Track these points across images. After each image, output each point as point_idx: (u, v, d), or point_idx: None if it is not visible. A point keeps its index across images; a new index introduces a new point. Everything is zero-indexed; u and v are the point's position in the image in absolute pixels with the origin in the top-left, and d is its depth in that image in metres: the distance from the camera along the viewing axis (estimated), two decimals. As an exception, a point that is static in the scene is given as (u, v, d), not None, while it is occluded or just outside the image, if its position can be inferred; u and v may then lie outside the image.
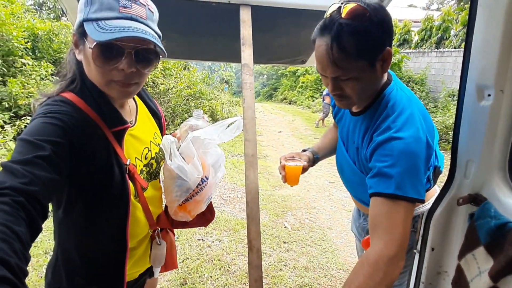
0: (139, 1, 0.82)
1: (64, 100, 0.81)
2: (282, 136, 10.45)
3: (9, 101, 5.87)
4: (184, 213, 1.08)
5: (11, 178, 0.60)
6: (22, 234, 0.55)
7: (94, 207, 0.88)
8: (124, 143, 0.92)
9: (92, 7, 0.78)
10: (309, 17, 1.71)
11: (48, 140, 0.69)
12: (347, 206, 4.67)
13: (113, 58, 0.79)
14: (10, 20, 6.85)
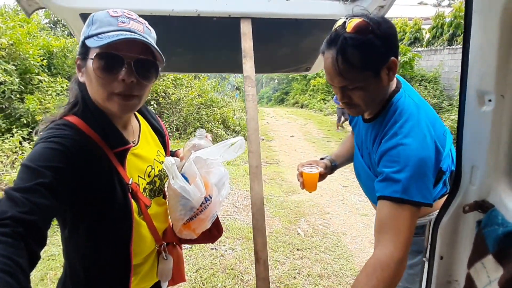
0: (136, 19, 0.88)
1: (66, 124, 0.84)
2: (295, 140, 10.42)
3: (27, 117, 6.09)
4: (189, 232, 1.10)
5: (12, 207, 0.62)
6: (24, 265, 0.57)
7: (98, 226, 0.91)
8: (127, 163, 0.94)
9: (93, 27, 0.83)
10: (310, 26, 1.72)
11: (50, 166, 0.72)
12: (361, 210, 4.61)
13: (113, 68, 0.82)
14: (27, 39, 7.13)
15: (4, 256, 0.55)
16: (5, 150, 4.64)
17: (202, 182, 1.02)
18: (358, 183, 1.41)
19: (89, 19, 0.85)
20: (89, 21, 0.85)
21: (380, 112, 1.10)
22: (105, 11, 0.85)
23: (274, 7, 1.61)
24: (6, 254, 0.55)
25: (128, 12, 0.87)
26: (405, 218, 0.93)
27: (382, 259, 0.90)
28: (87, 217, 0.88)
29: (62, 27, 12.89)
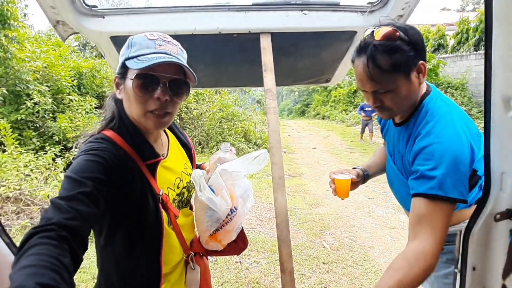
0: (171, 42, 0.95)
1: (104, 138, 0.91)
2: (317, 152, 10.32)
3: (59, 135, 6.41)
4: (215, 243, 1.13)
5: (57, 214, 0.68)
6: (68, 265, 0.61)
7: (132, 235, 0.96)
8: (157, 174, 0.99)
9: (132, 49, 0.91)
10: (329, 38, 1.74)
11: (90, 177, 0.78)
12: (389, 223, 4.47)
13: (150, 87, 0.89)
14: (59, 61, 7.58)
15: (50, 255, 0.59)
16: (39, 167, 4.90)
17: (228, 194, 1.05)
18: (383, 195, 1.40)
19: (128, 41, 0.92)
20: (128, 43, 0.92)
21: (411, 115, 1.13)
22: (143, 34, 0.92)
23: (292, 22, 1.65)
24: (51, 254, 0.59)
25: (163, 35, 0.94)
26: (442, 214, 0.96)
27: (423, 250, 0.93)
28: (122, 226, 0.93)
29: (90, 49, 13.61)
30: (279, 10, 1.65)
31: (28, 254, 0.59)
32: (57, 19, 1.52)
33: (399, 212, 4.88)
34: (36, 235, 0.62)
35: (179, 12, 1.63)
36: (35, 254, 0.58)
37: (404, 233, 4.13)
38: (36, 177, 4.62)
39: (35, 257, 0.58)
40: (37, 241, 0.61)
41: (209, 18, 1.63)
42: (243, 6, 1.65)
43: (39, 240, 0.61)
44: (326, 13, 1.64)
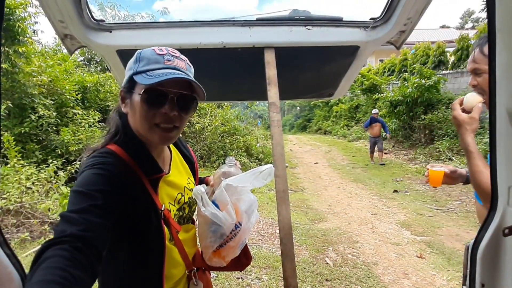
0: (179, 57, 0.95)
1: (108, 152, 0.90)
2: (319, 167, 10.30)
3: (62, 148, 6.44)
4: (219, 259, 1.10)
5: (70, 226, 0.67)
6: (79, 277, 0.60)
7: (135, 251, 0.94)
8: (159, 189, 0.98)
9: (140, 63, 0.90)
10: (332, 52, 1.76)
11: (98, 190, 0.77)
12: (392, 239, 4.41)
13: (158, 102, 0.88)
14: (64, 76, 7.69)
15: (60, 268, 0.58)
16: (41, 180, 4.89)
17: (233, 209, 1.04)
18: (386, 211, 1.40)
19: (136, 56, 0.92)
20: (136, 57, 0.92)
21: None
22: (151, 48, 0.91)
23: (296, 36, 1.67)
24: (62, 267, 0.58)
25: (172, 50, 0.94)
26: None
27: None
28: (125, 241, 0.92)
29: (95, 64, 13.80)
30: (283, 26, 1.67)
31: (40, 269, 0.58)
32: (65, 33, 1.54)
33: (403, 228, 4.82)
34: (49, 248, 0.62)
35: (184, 27, 1.66)
36: (46, 268, 0.58)
37: (408, 250, 4.06)
38: (37, 190, 4.61)
39: (47, 271, 0.57)
40: (50, 253, 0.61)
41: (214, 33, 1.66)
42: (248, 21, 1.68)
43: (52, 252, 0.61)
44: (329, 28, 1.66)
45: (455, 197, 6.32)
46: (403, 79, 12.30)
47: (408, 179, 8.15)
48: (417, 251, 4.02)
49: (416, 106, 11.32)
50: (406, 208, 5.75)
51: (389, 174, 8.80)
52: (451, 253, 3.94)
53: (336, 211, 5.78)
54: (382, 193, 6.88)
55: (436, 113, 10.69)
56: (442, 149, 9.49)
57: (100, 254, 0.70)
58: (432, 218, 5.27)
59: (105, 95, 9.19)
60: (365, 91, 16.04)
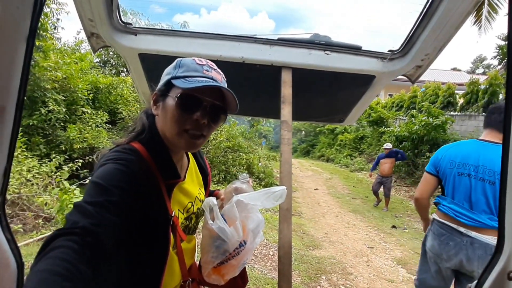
0: (217, 70, 0.99)
1: (132, 149, 0.91)
2: (319, 194, 10.21)
3: (66, 144, 6.47)
4: (217, 276, 1.08)
5: (83, 218, 0.67)
6: (85, 273, 0.59)
7: (137, 253, 0.92)
8: (172, 195, 0.98)
9: (180, 69, 0.93)
10: (348, 79, 1.79)
11: (118, 186, 0.77)
12: (387, 275, 4.30)
13: (191, 108, 0.91)
14: (78, 75, 7.84)
15: (66, 261, 0.57)
16: (42, 173, 4.89)
17: (241, 226, 1.02)
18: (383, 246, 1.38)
19: (176, 62, 0.95)
20: (177, 64, 0.95)
21: None
22: (191, 58, 0.96)
23: (314, 59, 1.71)
24: (69, 259, 0.58)
25: (210, 63, 0.98)
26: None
27: None
28: (131, 241, 0.91)
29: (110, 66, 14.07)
30: (303, 48, 1.71)
31: (48, 257, 0.58)
32: (92, 31, 1.59)
33: (399, 265, 4.71)
34: (60, 237, 0.62)
35: (207, 38, 1.71)
36: (54, 258, 0.57)
37: (403, 288, 3.96)
38: (37, 183, 4.61)
39: (53, 261, 0.57)
40: (60, 243, 0.60)
41: (235, 47, 1.70)
42: (269, 40, 1.72)
43: (62, 242, 0.60)
44: (348, 55, 1.70)
45: (454, 239, 6.20)
46: (410, 116, 12.37)
47: (408, 216, 8.04)
48: (411, 291, 3.91)
49: (421, 143, 11.32)
50: (403, 245, 5.64)
51: (389, 209, 8.70)
52: (446, 296, 3.83)
53: (332, 239, 5.69)
54: (380, 227, 6.77)
55: (441, 153, 10.67)
56: (444, 190, 9.39)
57: (107, 252, 0.69)
58: (429, 258, 5.15)
59: (116, 97, 9.32)
60: (371, 123, 16.11)
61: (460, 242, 2.03)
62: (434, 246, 2.18)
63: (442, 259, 2.13)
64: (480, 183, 2.03)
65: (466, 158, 2.11)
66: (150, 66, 1.79)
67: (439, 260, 2.16)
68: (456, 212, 2.08)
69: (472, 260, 1.98)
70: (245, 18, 71.66)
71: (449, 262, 2.09)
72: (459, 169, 2.11)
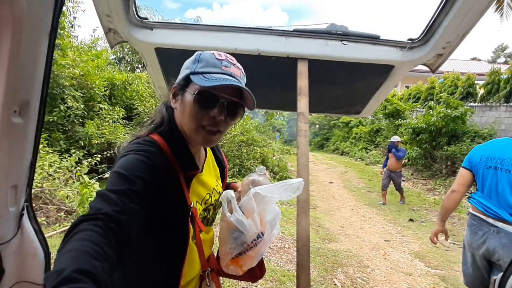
0: (236, 64, 0.97)
1: (152, 141, 0.93)
2: (333, 187, 10.15)
3: (85, 140, 6.63)
4: (236, 267, 1.09)
5: (106, 205, 0.68)
6: (111, 256, 0.60)
7: (157, 244, 0.94)
8: (191, 187, 0.99)
9: (199, 64, 0.92)
10: (365, 70, 1.76)
11: (139, 176, 0.78)
12: (405, 268, 4.26)
13: (209, 104, 0.91)
14: (95, 71, 7.99)
15: (95, 243, 0.58)
16: (62, 168, 5.03)
17: (259, 218, 1.03)
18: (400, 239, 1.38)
19: (195, 56, 0.95)
20: (196, 58, 0.94)
21: None
22: (210, 52, 0.94)
23: (331, 50, 1.68)
24: (96, 241, 0.59)
25: (230, 57, 0.96)
26: None
27: None
28: (151, 232, 0.92)
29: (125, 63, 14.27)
30: (319, 38, 1.69)
31: (74, 238, 0.59)
32: (109, 27, 1.61)
33: (416, 258, 4.65)
34: (85, 222, 0.63)
35: (222, 31, 1.70)
36: (81, 239, 0.58)
37: (420, 282, 3.91)
38: (58, 177, 4.75)
39: (80, 242, 0.58)
40: (85, 227, 0.61)
41: (250, 39, 1.69)
42: (285, 31, 1.70)
43: (87, 226, 0.62)
44: (366, 45, 1.66)
45: (474, 233, 6.06)
46: (428, 107, 12.07)
47: (425, 209, 7.90)
48: (430, 284, 3.86)
49: (439, 135, 11.05)
50: (421, 239, 5.55)
51: (406, 202, 8.57)
52: (466, 290, 3.76)
53: (348, 233, 5.66)
54: (397, 221, 6.69)
55: (460, 145, 10.38)
56: (464, 183, 9.16)
57: (130, 240, 0.70)
58: (448, 252, 5.06)
59: (132, 93, 9.46)
60: (387, 116, 15.82)
61: (488, 232, 2.24)
62: (467, 236, 2.43)
63: (474, 248, 2.34)
64: (506, 174, 2.21)
65: (493, 152, 2.34)
66: (166, 60, 1.80)
67: (472, 249, 2.37)
68: (484, 206, 2.29)
69: (498, 248, 2.16)
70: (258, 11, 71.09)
71: (479, 251, 2.29)
72: (487, 162, 2.34)
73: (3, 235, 0.89)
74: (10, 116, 0.80)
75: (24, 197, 0.96)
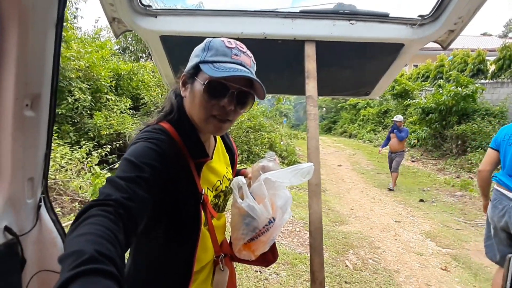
0: (246, 52, 0.95)
1: (162, 129, 0.93)
2: (342, 170, 10.13)
3: (94, 131, 6.70)
4: (248, 252, 1.11)
5: (116, 192, 0.69)
6: (122, 242, 0.61)
7: (170, 231, 0.96)
8: (202, 174, 1.00)
9: (208, 53, 0.90)
10: (375, 49, 1.72)
11: (149, 164, 0.78)
12: (416, 248, 4.28)
13: (219, 94, 0.89)
14: (100, 62, 7.98)
15: (107, 228, 0.59)
16: (74, 160, 5.11)
17: (270, 203, 1.04)
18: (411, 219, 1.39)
19: (205, 44, 0.93)
20: (205, 46, 0.92)
21: None
22: (220, 39, 0.92)
23: (338, 31, 1.64)
24: (109, 227, 0.60)
25: (240, 45, 0.95)
26: None
27: None
28: (162, 220, 0.94)
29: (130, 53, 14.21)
30: (326, 19, 1.65)
31: (86, 223, 0.59)
32: (113, 16, 1.60)
33: (427, 238, 4.66)
34: (95, 207, 0.63)
35: (228, 15, 1.67)
36: (94, 224, 0.59)
37: (432, 261, 3.93)
38: (70, 168, 4.82)
39: (94, 226, 0.58)
40: (96, 212, 0.62)
41: (256, 23, 1.66)
42: (291, 13, 1.67)
43: (98, 212, 0.62)
44: (374, 24, 1.62)
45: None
46: (437, 86, 11.83)
47: (436, 189, 7.87)
48: (441, 263, 3.88)
49: (449, 115, 10.88)
50: (432, 219, 5.55)
51: (416, 183, 8.53)
52: (478, 268, 3.78)
53: (358, 215, 5.68)
54: (407, 202, 6.68)
55: (471, 123, 10.21)
56: (475, 161, 9.06)
57: (137, 227, 0.71)
58: (459, 231, 5.06)
59: (137, 83, 9.46)
60: (395, 96, 15.58)
61: (507, 206, 2.39)
62: (489, 210, 2.58)
63: (495, 221, 2.50)
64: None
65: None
66: (171, 48, 1.79)
67: (493, 222, 2.53)
68: (505, 181, 2.44)
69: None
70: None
71: (499, 224, 2.44)
72: (510, 140, 2.49)
73: (23, 227, 0.91)
74: (23, 109, 0.81)
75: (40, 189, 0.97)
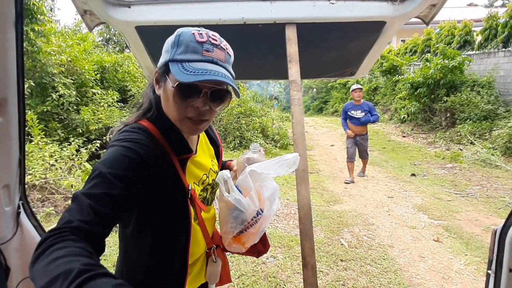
0: (220, 45, 0.88)
1: (141, 128, 0.89)
2: (335, 150, 10.19)
3: (82, 127, 6.59)
4: (238, 245, 1.11)
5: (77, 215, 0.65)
6: (96, 256, 0.60)
7: (160, 230, 0.95)
8: (187, 169, 0.98)
9: (178, 49, 0.85)
10: (357, 28, 1.69)
11: (120, 176, 0.74)
12: (409, 222, 4.37)
13: (191, 96, 0.85)
14: (83, 56, 7.77)
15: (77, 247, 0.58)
16: (63, 157, 5.04)
17: (256, 195, 1.03)
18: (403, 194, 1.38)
19: (174, 38, 0.87)
20: (175, 41, 0.86)
21: None
22: (191, 32, 0.85)
23: (319, 12, 1.60)
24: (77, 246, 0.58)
25: (212, 36, 0.87)
26: None
27: None
28: (152, 220, 0.93)
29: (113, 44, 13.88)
30: (306, 0, 1.60)
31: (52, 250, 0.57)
32: (84, 9, 1.53)
33: (420, 212, 4.76)
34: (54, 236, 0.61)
35: (204, 1, 1.61)
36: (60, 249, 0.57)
37: (424, 234, 4.02)
38: (60, 167, 4.76)
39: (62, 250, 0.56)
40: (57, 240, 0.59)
41: (234, 8, 1.61)
42: (269, -5, 1.62)
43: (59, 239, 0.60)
44: (355, 2, 1.58)
45: (476, 182, 6.17)
46: (425, 60, 11.82)
47: (427, 163, 7.99)
48: (434, 235, 3.98)
49: (438, 88, 10.92)
50: (423, 192, 5.66)
51: (407, 157, 8.64)
52: (469, 238, 3.88)
53: (352, 193, 5.75)
54: (399, 177, 6.78)
55: (459, 95, 10.28)
56: (464, 133, 9.19)
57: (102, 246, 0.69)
58: (450, 202, 5.17)
59: (123, 75, 9.26)
60: (384, 73, 15.55)
61: None
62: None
63: None
64: None
65: None
66: (149, 39, 1.73)
67: None
68: None
69: None
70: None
71: None
72: None
73: (3, 235, 0.90)
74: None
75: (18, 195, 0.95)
